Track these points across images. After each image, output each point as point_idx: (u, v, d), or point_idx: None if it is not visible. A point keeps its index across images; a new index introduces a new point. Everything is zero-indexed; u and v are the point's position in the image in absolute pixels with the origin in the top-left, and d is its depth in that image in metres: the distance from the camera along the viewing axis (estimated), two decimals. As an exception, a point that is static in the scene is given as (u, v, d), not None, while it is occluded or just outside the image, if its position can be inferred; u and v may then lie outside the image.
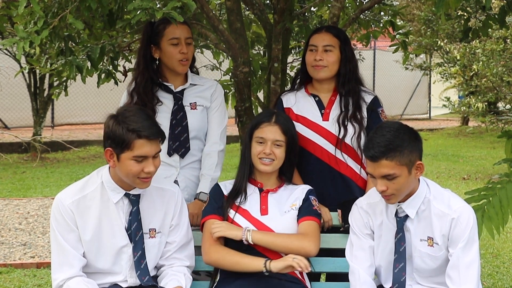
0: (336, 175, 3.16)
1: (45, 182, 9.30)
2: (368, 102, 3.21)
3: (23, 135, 11.62)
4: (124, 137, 2.56)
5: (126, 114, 2.62)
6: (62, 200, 2.68)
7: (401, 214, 2.69)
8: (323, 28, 3.28)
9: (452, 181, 9.68)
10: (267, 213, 2.90)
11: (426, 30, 13.75)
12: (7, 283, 4.99)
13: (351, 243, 2.82)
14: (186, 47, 3.19)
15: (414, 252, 2.69)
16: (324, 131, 3.16)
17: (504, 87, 12.73)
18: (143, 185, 2.67)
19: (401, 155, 2.56)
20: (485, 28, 4.12)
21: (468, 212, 2.65)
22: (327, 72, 3.18)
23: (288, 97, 3.28)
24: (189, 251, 2.87)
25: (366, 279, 2.73)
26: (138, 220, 2.71)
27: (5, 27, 4.37)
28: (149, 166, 2.60)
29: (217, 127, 3.31)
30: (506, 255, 5.89)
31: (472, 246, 2.61)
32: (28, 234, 6.43)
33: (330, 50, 3.17)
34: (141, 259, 2.71)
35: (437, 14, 3.22)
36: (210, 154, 3.26)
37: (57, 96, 4.76)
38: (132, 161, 2.59)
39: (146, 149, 2.58)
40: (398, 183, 2.58)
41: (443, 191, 2.73)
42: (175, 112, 3.22)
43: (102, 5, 3.36)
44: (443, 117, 21.03)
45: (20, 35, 3.04)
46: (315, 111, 3.20)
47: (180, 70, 3.23)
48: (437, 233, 2.65)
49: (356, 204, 2.86)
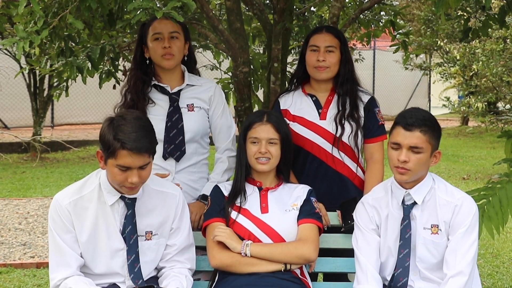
0: (333, 174, 3.18)
1: (45, 182, 9.30)
2: (365, 101, 3.23)
3: (23, 135, 11.63)
4: (110, 144, 2.55)
5: (120, 122, 2.58)
6: (60, 201, 2.68)
7: (408, 202, 2.76)
8: (323, 28, 3.27)
9: (452, 181, 9.68)
10: (267, 211, 2.90)
11: (426, 30, 13.76)
12: (7, 283, 4.99)
13: (356, 239, 2.86)
14: (169, 42, 3.12)
15: (419, 239, 2.74)
16: (322, 130, 3.17)
17: (503, 87, 12.74)
18: (129, 193, 2.65)
19: (432, 134, 2.70)
20: (485, 28, 4.12)
21: (470, 201, 2.74)
22: (329, 73, 3.18)
23: (285, 98, 3.28)
24: (190, 254, 2.86)
25: (374, 274, 2.77)
26: (132, 224, 2.70)
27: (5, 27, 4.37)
28: (133, 177, 2.56)
29: (227, 132, 3.28)
30: (506, 255, 5.90)
31: (471, 233, 2.69)
32: (28, 234, 6.43)
33: (332, 51, 3.18)
34: (134, 263, 2.71)
35: (437, 14, 3.22)
36: (221, 159, 3.25)
37: (58, 97, 4.76)
38: (116, 169, 2.57)
39: (129, 161, 2.54)
40: (420, 160, 2.67)
41: (446, 183, 2.82)
42: (170, 114, 3.16)
43: (102, 5, 3.36)
44: (443, 117, 21.02)
45: (20, 35, 3.04)
46: (312, 110, 3.21)
47: (165, 65, 3.15)
48: (440, 221, 2.71)
49: (362, 201, 2.90)
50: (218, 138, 3.29)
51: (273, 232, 2.86)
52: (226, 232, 2.82)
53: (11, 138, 12.19)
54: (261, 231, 2.86)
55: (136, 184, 2.59)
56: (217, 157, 3.29)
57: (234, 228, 2.87)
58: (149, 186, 2.76)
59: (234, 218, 2.89)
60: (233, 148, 3.28)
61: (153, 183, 2.79)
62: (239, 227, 2.87)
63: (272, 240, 2.85)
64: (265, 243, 2.84)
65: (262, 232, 2.86)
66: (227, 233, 2.82)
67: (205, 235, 2.94)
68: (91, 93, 13.97)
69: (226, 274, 2.85)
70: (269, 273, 2.78)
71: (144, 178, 2.62)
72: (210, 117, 3.27)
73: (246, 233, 2.86)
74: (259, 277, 2.77)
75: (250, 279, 2.77)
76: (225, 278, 2.84)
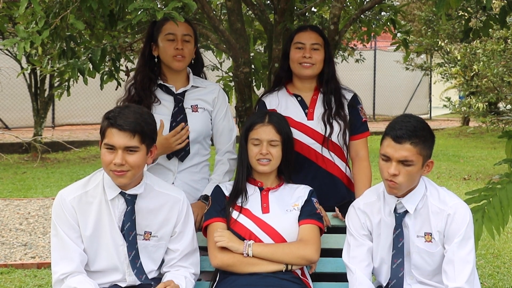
0: (323, 174, 3.19)
1: (45, 183, 9.31)
2: (349, 99, 3.26)
3: (24, 136, 11.63)
4: (102, 124, 2.63)
5: (118, 107, 2.67)
6: (64, 196, 2.70)
7: (400, 210, 2.71)
8: (307, 27, 3.30)
9: (453, 181, 9.68)
10: (268, 211, 2.91)
11: (426, 30, 13.75)
12: (8, 284, 4.99)
13: (348, 244, 2.83)
14: (182, 44, 3.15)
15: (412, 248, 2.70)
16: (310, 130, 3.18)
17: (504, 87, 12.74)
18: (116, 179, 2.64)
19: (423, 145, 2.60)
20: (485, 28, 4.12)
21: (463, 208, 2.67)
22: (314, 70, 3.21)
23: (270, 98, 3.29)
24: (194, 259, 2.86)
25: (364, 279, 2.73)
26: (132, 221, 2.71)
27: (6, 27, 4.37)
28: (117, 158, 2.58)
29: (228, 135, 3.30)
30: (506, 256, 5.89)
31: (468, 241, 2.63)
32: (29, 234, 6.43)
33: (317, 48, 3.21)
34: (135, 259, 2.72)
35: (438, 14, 3.22)
36: (222, 160, 3.27)
37: (59, 96, 4.76)
38: (105, 150, 2.61)
39: (114, 139, 2.58)
40: (410, 172, 2.60)
41: (438, 188, 2.75)
42: (175, 114, 3.18)
43: (103, 5, 3.35)
44: (444, 117, 21.03)
45: (21, 35, 3.04)
46: (298, 111, 3.22)
47: (175, 67, 3.18)
48: (434, 229, 2.67)
49: (353, 205, 2.87)
50: (220, 141, 3.30)
51: (274, 232, 2.86)
52: (225, 235, 2.82)
53: (12, 139, 12.20)
54: (262, 231, 2.86)
55: (120, 167, 2.59)
56: (217, 159, 3.30)
57: (235, 227, 2.88)
58: (152, 187, 2.77)
59: (235, 218, 2.89)
60: (233, 150, 3.31)
61: (157, 185, 2.80)
62: (240, 226, 2.87)
63: (273, 239, 2.85)
64: (267, 244, 2.84)
65: (263, 232, 2.86)
66: (227, 236, 2.82)
67: (205, 235, 2.94)
68: (92, 94, 13.97)
69: (227, 274, 2.85)
70: (270, 273, 2.79)
71: (131, 164, 2.61)
72: (213, 119, 3.28)
73: (247, 232, 2.86)
74: (260, 277, 2.77)
75: (251, 279, 2.77)
76: (226, 278, 2.84)
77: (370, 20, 5.04)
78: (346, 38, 8.25)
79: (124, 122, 2.57)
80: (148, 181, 2.76)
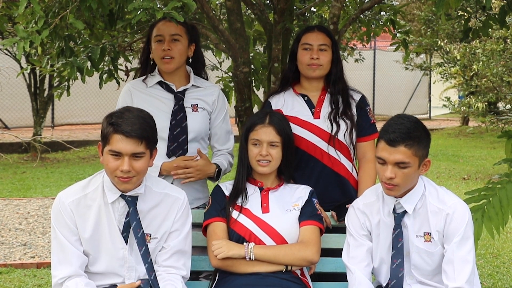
0: (329, 173, 3.18)
1: (45, 182, 9.30)
2: (357, 100, 3.25)
3: (23, 135, 11.64)
4: (105, 130, 2.58)
5: (119, 111, 2.62)
6: (63, 199, 2.68)
7: (399, 210, 2.71)
8: (315, 27, 3.29)
9: (452, 181, 9.68)
10: (268, 211, 2.91)
11: (426, 30, 13.76)
12: (7, 283, 4.99)
13: (348, 244, 2.83)
14: (168, 44, 3.13)
15: (412, 248, 2.70)
16: (317, 129, 3.17)
17: (504, 87, 12.74)
18: (121, 185, 2.62)
19: (418, 146, 2.59)
20: (485, 28, 4.12)
21: (462, 208, 2.66)
22: (322, 70, 3.20)
23: (277, 99, 3.28)
24: (186, 260, 2.80)
25: (363, 279, 2.73)
26: (137, 220, 2.67)
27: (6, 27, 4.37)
28: (124, 165, 2.54)
29: (225, 137, 3.32)
30: (506, 255, 5.90)
31: (467, 241, 2.63)
32: (28, 234, 6.43)
33: (325, 49, 3.20)
34: (146, 253, 2.67)
35: (437, 14, 3.22)
36: (221, 156, 3.31)
37: (59, 96, 4.76)
38: (110, 156, 2.57)
39: (121, 145, 2.54)
40: (407, 174, 2.59)
41: (437, 187, 2.75)
42: (175, 112, 3.18)
43: (103, 5, 3.35)
44: (443, 117, 21.04)
45: (21, 35, 3.04)
46: (305, 110, 3.21)
47: (163, 68, 3.17)
48: (433, 229, 2.67)
49: (353, 205, 2.87)
50: (217, 142, 3.32)
51: (274, 231, 2.86)
52: (223, 246, 2.80)
53: (11, 138, 12.20)
54: (262, 230, 2.86)
55: (127, 173, 2.56)
56: (216, 153, 3.33)
57: (235, 227, 2.88)
58: (151, 188, 2.74)
59: (235, 218, 2.89)
60: (231, 152, 3.32)
61: (157, 186, 2.77)
62: (240, 226, 2.87)
63: (273, 239, 2.85)
64: (269, 246, 2.84)
65: (263, 232, 2.86)
66: (225, 246, 2.80)
67: (205, 234, 2.94)
68: (91, 93, 13.98)
69: (226, 274, 2.85)
70: (270, 273, 2.79)
71: (137, 170, 2.58)
72: (212, 121, 3.29)
73: (247, 232, 2.86)
74: (260, 277, 2.77)
75: (250, 279, 2.77)
76: (225, 278, 2.84)
77: (370, 20, 5.04)
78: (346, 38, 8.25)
79: (131, 129, 2.53)
80: (147, 183, 2.73)
